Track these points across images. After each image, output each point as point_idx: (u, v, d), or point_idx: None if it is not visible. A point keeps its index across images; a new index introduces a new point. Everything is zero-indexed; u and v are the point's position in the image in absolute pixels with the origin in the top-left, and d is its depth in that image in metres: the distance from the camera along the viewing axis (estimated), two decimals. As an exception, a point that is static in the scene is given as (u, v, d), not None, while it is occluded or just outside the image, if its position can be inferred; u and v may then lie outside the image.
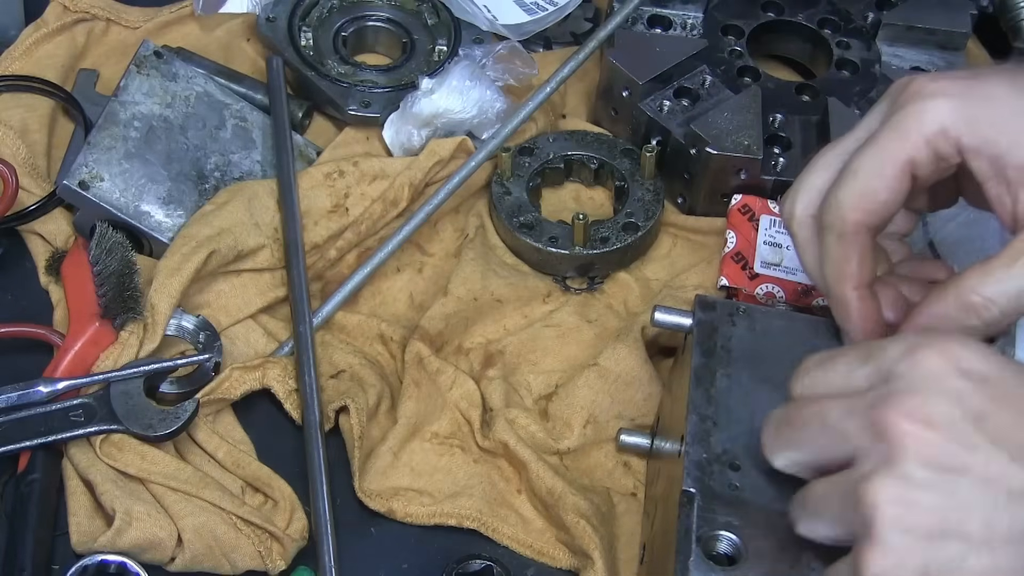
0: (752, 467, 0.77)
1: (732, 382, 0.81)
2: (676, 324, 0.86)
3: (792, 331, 0.85)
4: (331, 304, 0.97)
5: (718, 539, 0.74)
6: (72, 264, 0.94)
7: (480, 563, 0.85)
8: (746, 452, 0.77)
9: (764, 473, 0.76)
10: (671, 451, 0.83)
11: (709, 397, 0.80)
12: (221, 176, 1.02)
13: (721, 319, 0.85)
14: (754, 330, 0.84)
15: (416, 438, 0.92)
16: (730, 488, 0.76)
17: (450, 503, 0.89)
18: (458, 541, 0.88)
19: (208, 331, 0.93)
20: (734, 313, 0.85)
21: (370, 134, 1.08)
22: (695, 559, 0.73)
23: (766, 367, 0.82)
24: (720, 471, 0.77)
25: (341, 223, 1.01)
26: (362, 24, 1.16)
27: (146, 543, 0.83)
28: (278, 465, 0.89)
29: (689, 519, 0.75)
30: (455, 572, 0.85)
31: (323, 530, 0.85)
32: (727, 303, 0.86)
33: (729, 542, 0.74)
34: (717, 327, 0.84)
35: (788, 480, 0.72)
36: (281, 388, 0.92)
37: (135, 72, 1.03)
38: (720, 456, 0.77)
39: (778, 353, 0.83)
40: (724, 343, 0.83)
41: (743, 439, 0.78)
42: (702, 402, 0.80)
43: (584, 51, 1.08)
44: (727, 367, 0.82)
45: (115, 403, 0.87)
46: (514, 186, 1.06)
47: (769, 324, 0.85)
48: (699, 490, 0.76)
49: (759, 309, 0.86)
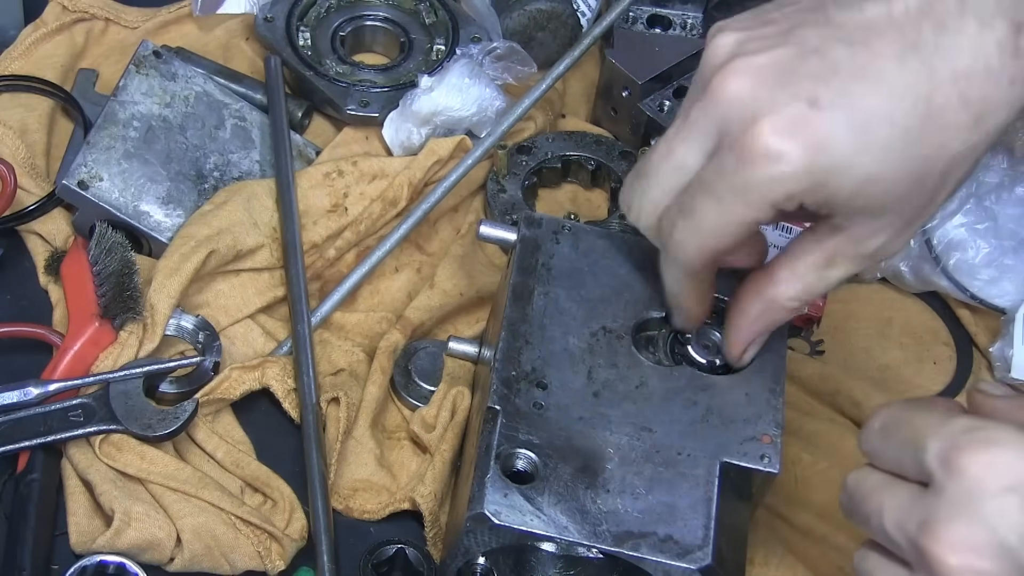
0: (559, 386, 0.78)
1: (548, 301, 0.82)
2: (501, 239, 0.87)
3: (615, 251, 0.85)
4: (330, 303, 0.97)
5: (516, 456, 0.76)
6: (71, 264, 0.94)
7: (392, 548, 0.85)
8: (555, 371, 0.79)
9: (570, 393, 0.78)
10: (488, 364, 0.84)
11: (524, 315, 0.82)
12: (220, 176, 1.02)
13: (545, 236, 0.86)
14: (577, 249, 0.85)
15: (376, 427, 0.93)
16: (535, 407, 0.78)
17: (403, 494, 0.89)
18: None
19: (207, 331, 0.93)
20: (559, 231, 0.86)
21: (369, 134, 1.08)
22: (492, 475, 0.74)
23: (585, 287, 0.83)
24: (527, 389, 0.78)
25: (340, 222, 1.01)
26: (360, 24, 1.16)
27: (145, 543, 0.83)
28: (277, 465, 0.90)
29: (491, 436, 0.76)
30: (370, 563, 0.84)
31: (322, 530, 0.85)
32: (553, 220, 0.87)
33: (527, 460, 0.76)
34: (540, 244, 0.85)
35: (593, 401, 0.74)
36: (280, 387, 0.92)
37: (134, 72, 1.03)
38: (529, 374, 0.79)
39: (598, 273, 0.84)
40: (546, 261, 0.84)
41: (553, 358, 0.79)
42: (517, 319, 0.81)
43: (580, 47, 1.08)
44: (546, 285, 0.83)
45: (114, 403, 0.87)
46: (510, 184, 1.06)
47: (593, 243, 0.86)
48: (503, 407, 0.77)
49: (585, 228, 0.87)
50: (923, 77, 0.68)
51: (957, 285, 1.02)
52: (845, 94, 0.68)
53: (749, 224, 0.71)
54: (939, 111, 0.68)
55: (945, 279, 1.02)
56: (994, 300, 1.02)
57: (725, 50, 0.71)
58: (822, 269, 0.74)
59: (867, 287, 1.05)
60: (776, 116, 0.68)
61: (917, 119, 0.68)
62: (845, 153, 0.68)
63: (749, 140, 0.68)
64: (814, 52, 0.69)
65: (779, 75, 0.69)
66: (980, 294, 1.02)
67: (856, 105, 0.68)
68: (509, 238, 0.86)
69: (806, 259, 0.74)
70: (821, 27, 0.70)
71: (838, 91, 0.68)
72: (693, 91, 0.73)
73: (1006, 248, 1.02)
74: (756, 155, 0.68)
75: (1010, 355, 0.99)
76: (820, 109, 0.68)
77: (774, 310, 0.76)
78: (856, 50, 0.68)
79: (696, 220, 0.72)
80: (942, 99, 0.67)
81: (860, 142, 0.68)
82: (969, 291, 1.02)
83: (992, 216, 1.02)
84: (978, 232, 1.02)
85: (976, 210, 1.02)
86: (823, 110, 0.68)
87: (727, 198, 0.70)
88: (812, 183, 0.68)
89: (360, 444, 0.92)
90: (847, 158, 0.68)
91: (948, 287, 1.02)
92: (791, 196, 0.69)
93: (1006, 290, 1.02)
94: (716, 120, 0.71)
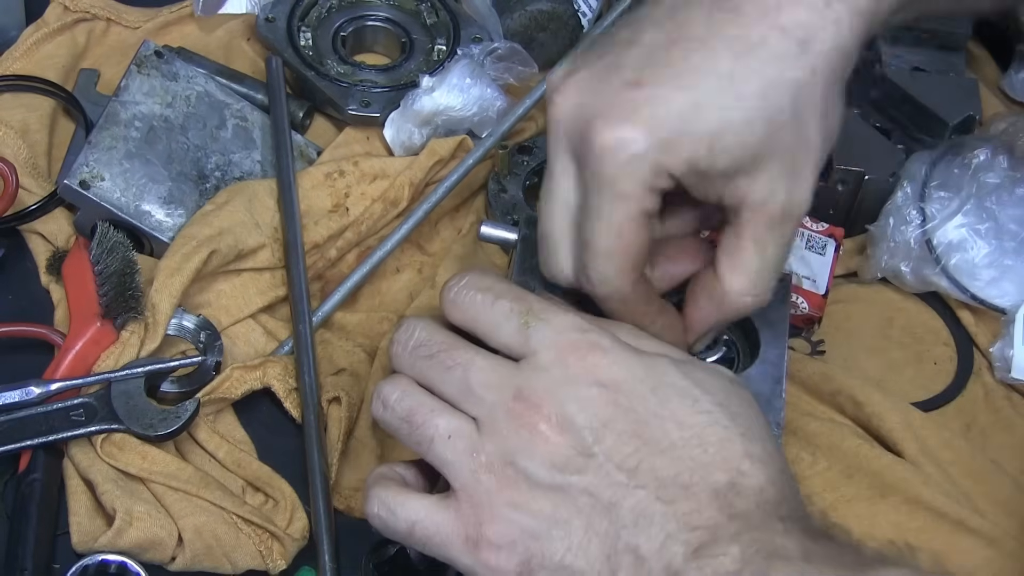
0: None
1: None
2: (502, 239, 0.87)
3: None
4: (331, 303, 0.98)
5: None
6: (73, 264, 0.95)
7: (394, 548, 0.85)
8: None
9: None
10: None
11: None
12: (222, 176, 1.02)
13: None
14: None
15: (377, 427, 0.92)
16: None
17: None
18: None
19: (209, 331, 0.94)
20: None
21: (370, 134, 1.08)
22: None
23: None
24: None
25: (341, 223, 1.01)
26: (361, 24, 1.16)
27: (147, 543, 0.83)
28: (279, 465, 0.90)
29: None
30: (371, 563, 0.85)
31: (323, 529, 0.85)
32: None
33: None
34: None
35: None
36: (281, 387, 0.92)
37: (136, 72, 1.03)
38: None
39: None
40: None
41: None
42: None
43: (581, 47, 1.08)
44: (546, 285, 0.83)
45: (116, 403, 0.87)
46: (511, 184, 1.06)
47: None
48: None
49: None
50: (733, 25, 0.70)
51: (957, 285, 1.02)
52: (664, 64, 0.70)
53: (638, 218, 0.71)
54: (757, 47, 0.70)
55: (945, 279, 1.02)
56: (994, 300, 1.02)
57: (555, 82, 0.74)
58: (758, 253, 0.74)
59: (867, 287, 1.06)
60: (606, 108, 0.70)
61: (738, 61, 0.70)
62: (681, 115, 0.69)
63: (592, 142, 0.70)
64: (628, 44, 0.72)
65: (600, 76, 0.72)
66: (980, 294, 1.02)
67: (677, 70, 0.70)
68: (510, 238, 0.86)
69: (739, 250, 0.74)
70: (632, 25, 0.74)
71: (658, 65, 0.70)
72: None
73: (1006, 248, 1.02)
74: (604, 151, 0.70)
75: (1010, 355, 0.99)
76: (643, 86, 0.70)
77: (726, 305, 0.76)
78: (666, 26, 0.72)
79: (596, 246, 0.72)
80: (757, 36, 0.70)
81: (692, 101, 0.69)
82: (969, 291, 1.02)
83: (992, 216, 1.02)
84: (978, 232, 1.02)
85: (976, 210, 1.02)
86: (646, 86, 0.70)
87: (604, 207, 0.71)
88: (665, 154, 0.69)
89: (361, 444, 0.92)
90: (686, 119, 0.69)
91: (948, 287, 1.02)
92: (656, 172, 0.70)
93: (1006, 290, 1.02)
94: (563, 143, 0.73)
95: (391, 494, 0.71)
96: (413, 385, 0.72)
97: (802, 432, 0.93)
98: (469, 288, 0.72)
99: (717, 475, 0.66)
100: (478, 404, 0.69)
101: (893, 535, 0.88)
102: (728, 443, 0.67)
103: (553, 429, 0.67)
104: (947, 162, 1.04)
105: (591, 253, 0.73)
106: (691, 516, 0.65)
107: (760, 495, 0.65)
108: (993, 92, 1.20)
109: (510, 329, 0.70)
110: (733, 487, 0.65)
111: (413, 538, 0.70)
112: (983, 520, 0.89)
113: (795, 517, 0.65)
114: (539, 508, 0.67)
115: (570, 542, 0.66)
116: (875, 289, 1.06)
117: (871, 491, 0.90)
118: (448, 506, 0.69)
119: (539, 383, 0.68)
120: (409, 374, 0.72)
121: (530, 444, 0.67)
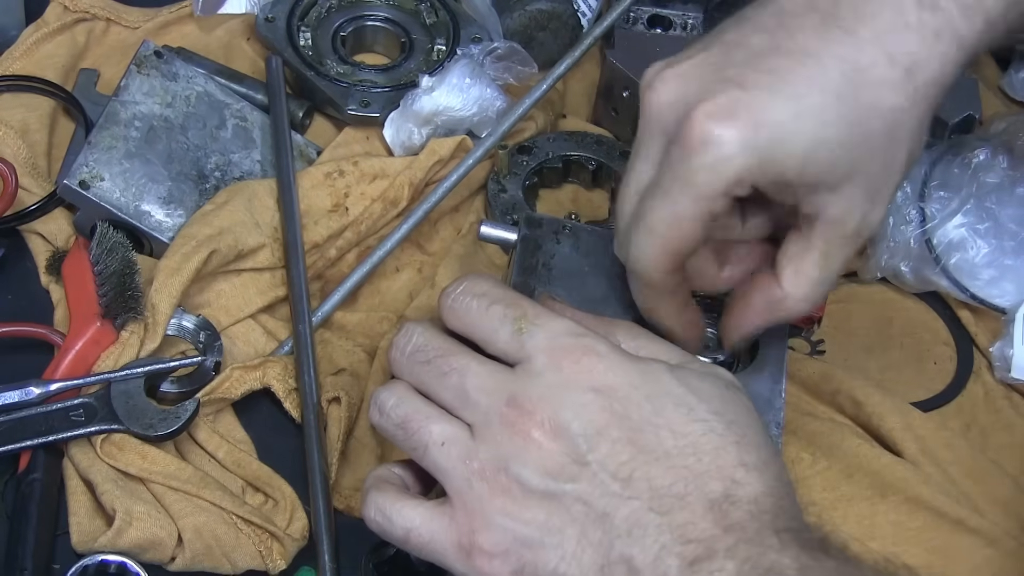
0: None
1: None
2: (502, 239, 0.87)
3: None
4: (331, 303, 0.98)
5: None
6: (73, 264, 0.95)
7: (394, 548, 0.85)
8: None
9: None
10: None
11: None
12: (221, 176, 1.02)
13: (546, 236, 0.85)
14: (578, 249, 0.85)
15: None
16: None
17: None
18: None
19: (208, 331, 0.94)
20: (560, 231, 0.86)
21: (370, 134, 1.08)
22: None
23: (585, 287, 0.83)
24: None
25: (341, 222, 1.01)
26: (361, 24, 1.16)
27: (146, 543, 0.83)
28: (279, 465, 0.90)
29: None
30: (371, 563, 0.84)
31: (323, 529, 0.85)
32: (554, 220, 0.86)
33: None
34: (541, 244, 0.85)
35: None
36: (281, 387, 0.92)
37: (135, 72, 1.03)
38: None
39: (598, 273, 0.84)
40: (546, 261, 0.84)
41: None
42: None
43: (580, 47, 1.08)
44: (546, 285, 0.83)
45: (116, 403, 0.87)
46: (510, 184, 1.06)
47: (594, 244, 0.85)
48: None
49: (586, 228, 0.87)
50: (846, 43, 0.70)
51: (957, 285, 1.02)
52: (770, 71, 0.70)
53: (702, 217, 0.71)
54: (866, 70, 0.70)
55: (945, 279, 1.02)
56: (994, 300, 1.02)
57: (653, 72, 0.73)
58: (822, 263, 0.74)
59: (867, 287, 1.06)
60: (708, 103, 0.69)
61: (845, 81, 0.69)
62: (781, 125, 0.69)
63: (687, 131, 0.69)
64: (736, 45, 0.72)
65: (705, 70, 0.71)
66: (980, 294, 1.02)
67: (784, 79, 0.69)
68: (510, 238, 0.87)
69: (804, 257, 0.74)
70: (740, 25, 0.73)
71: (764, 70, 0.70)
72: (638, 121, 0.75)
73: (1006, 248, 1.02)
74: (695, 143, 0.69)
75: (1010, 355, 0.99)
76: (749, 89, 0.69)
77: (780, 309, 0.76)
78: (777, 34, 0.71)
79: (649, 222, 0.72)
80: (867, 59, 0.70)
81: (793, 112, 0.69)
82: (969, 291, 1.02)
83: (992, 216, 1.02)
84: (978, 232, 1.02)
85: (976, 210, 1.02)
86: (752, 89, 0.69)
87: (674, 192, 0.70)
88: (756, 161, 0.69)
89: (361, 444, 0.92)
90: (784, 130, 0.69)
91: (948, 287, 1.02)
92: (739, 180, 0.69)
93: (1006, 290, 1.02)
94: (658, 132, 0.72)
95: (388, 500, 0.71)
96: (410, 391, 0.72)
97: (802, 432, 0.93)
98: (465, 294, 0.72)
99: (712, 485, 0.65)
100: (473, 410, 0.69)
101: (893, 535, 0.88)
102: (723, 452, 0.66)
103: (547, 435, 0.67)
104: (947, 162, 1.04)
105: (640, 226, 0.72)
106: (686, 528, 0.64)
107: (756, 505, 0.65)
108: (993, 92, 1.20)
109: (505, 335, 0.70)
110: (728, 497, 0.65)
111: (409, 544, 0.70)
112: (983, 520, 0.89)
113: (792, 529, 0.65)
114: (532, 516, 0.66)
115: (563, 551, 0.66)
116: (875, 289, 1.06)
117: (871, 491, 0.90)
118: (443, 513, 0.69)
119: (533, 389, 0.68)
120: (407, 379, 0.72)
121: (523, 451, 0.67)
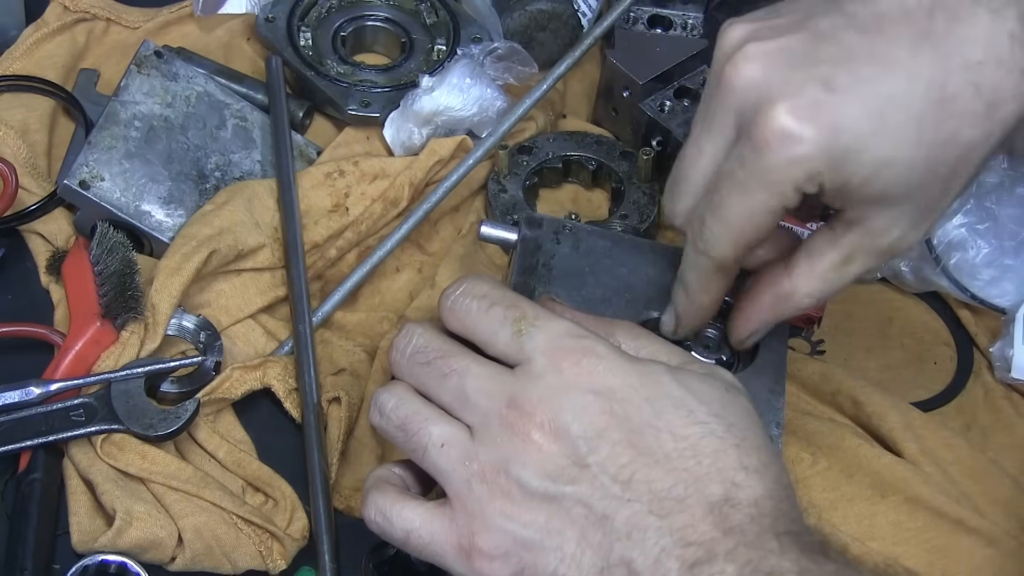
0: None
1: None
2: (502, 239, 0.87)
3: (616, 252, 0.85)
4: (331, 303, 0.98)
5: None
6: (73, 264, 0.95)
7: (394, 548, 0.85)
8: None
9: None
10: None
11: None
12: (221, 176, 1.02)
13: (546, 236, 0.86)
14: (578, 249, 0.85)
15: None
16: None
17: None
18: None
19: (208, 331, 0.94)
20: (560, 231, 0.86)
21: (370, 134, 1.08)
22: None
23: (586, 287, 0.83)
24: None
25: (341, 222, 1.01)
26: (361, 24, 1.16)
27: (147, 543, 0.83)
28: (279, 465, 0.90)
29: None
30: (371, 563, 0.84)
31: (323, 529, 0.85)
32: (554, 220, 0.87)
33: None
34: (541, 245, 0.85)
35: None
36: (281, 387, 0.92)
37: (135, 72, 1.03)
38: None
39: (598, 273, 0.84)
40: (546, 261, 0.84)
41: None
42: None
43: (581, 47, 1.08)
44: (547, 285, 0.83)
45: (116, 403, 0.87)
46: (511, 184, 1.06)
47: (594, 244, 0.86)
48: None
49: (586, 228, 0.87)
50: (936, 65, 0.68)
51: (957, 285, 1.02)
52: (860, 78, 0.68)
53: (775, 210, 0.71)
54: (952, 99, 0.68)
55: (945, 279, 1.02)
56: (994, 300, 1.02)
57: (736, 39, 0.71)
58: (840, 266, 0.74)
59: (867, 287, 1.06)
60: (791, 98, 0.68)
61: (930, 106, 0.68)
62: (861, 136, 0.68)
63: (765, 123, 0.68)
64: (827, 38, 0.70)
65: (792, 59, 0.69)
66: (980, 294, 1.02)
67: (871, 89, 0.68)
68: (510, 238, 0.87)
69: (824, 256, 0.74)
70: (834, 16, 0.70)
71: (853, 75, 0.68)
72: (709, 84, 0.73)
73: (1006, 248, 1.02)
74: (774, 138, 0.68)
75: (1010, 355, 0.99)
76: (835, 92, 0.68)
77: (787, 304, 0.76)
78: (870, 37, 0.69)
79: (723, 213, 0.72)
80: (955, 87, 0.68)
81: (875, 126, 0.68)
82: (969, 291, 1.02)
83: (992, 216, 1.02)
84: (978, 232, 1.02)
85: (976, 210, 1.02)
86: (838, 93, 0.68)
87: (750, 185, 0.70)
88: (830, 165, 0.68)
89: (361, 444, 0.92)
90: (863, 141, 0.68)
91: (948, 287, 1.02)
92: (811, 177, 0.69)
93: (1006, 290, 1.02)
94: (733, 108, 0.71)
95: (388, 501, 0.71)
96: (410, 392, 0.72)
97: (802, 432, 0.93)
98: (465, 295, 0.72)
99: (712, 487, 0.65)
100: (473, 412, 0.69)
101: (893, 535, 0.88)
102: (723, 454, 0.66)
103: (547, 437, 0.67)
104: (947, 162, 1.04)
105: (715, 215, 0.72)
106: (686, 531, 0.64)
107: (756, 508, 0.65)
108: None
109: (505, 336, 0.70)
110: (728, 500, 0.65)
111: (409, 545, 0.70)
112: (983, 520, 0.89)
113: (792, 532, 0.65)
114: (532, 518, 0.66)
115: (563, 553, 0.66)
116: (875, 289, 1.06)
117: (871, 491, 0.90)
118: (443, 514, 0.69)
119: (533, 390, 0.68)
120: (407, 381, 0.72)
121: (523, 452, 0.67)
